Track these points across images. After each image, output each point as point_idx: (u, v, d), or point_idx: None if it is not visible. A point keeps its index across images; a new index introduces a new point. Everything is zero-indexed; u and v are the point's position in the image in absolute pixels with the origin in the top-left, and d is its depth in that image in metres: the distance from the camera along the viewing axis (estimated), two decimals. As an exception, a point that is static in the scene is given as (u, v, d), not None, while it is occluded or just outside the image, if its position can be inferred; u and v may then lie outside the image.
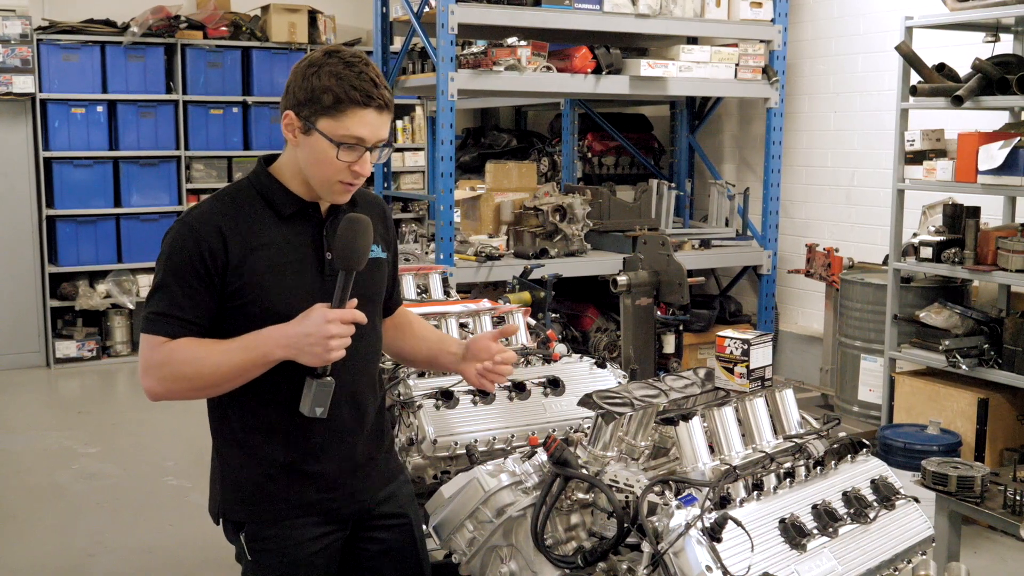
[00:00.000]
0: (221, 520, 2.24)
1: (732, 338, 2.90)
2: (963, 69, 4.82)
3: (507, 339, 3.17)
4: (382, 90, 2.06)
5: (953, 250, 4.72)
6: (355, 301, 2.05)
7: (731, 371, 2.88)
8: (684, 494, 2.00)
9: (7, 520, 4.78)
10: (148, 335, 2.05)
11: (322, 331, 1.96)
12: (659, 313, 5.33)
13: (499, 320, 3.44)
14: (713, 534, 1.92)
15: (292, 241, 2.12)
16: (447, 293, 4.04)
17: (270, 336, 2.01)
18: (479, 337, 2.35)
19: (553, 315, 5.85)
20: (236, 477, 2.19)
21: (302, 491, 2.17)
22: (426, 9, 5.79)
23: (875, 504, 2.27)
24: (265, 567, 2.19)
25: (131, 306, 7.84)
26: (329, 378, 2.03)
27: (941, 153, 4.95)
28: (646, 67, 6.00)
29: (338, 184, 2.09)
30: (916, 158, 4.95)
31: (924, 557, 2.30)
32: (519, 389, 3.00)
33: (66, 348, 7.74)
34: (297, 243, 2.12)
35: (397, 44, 6.51)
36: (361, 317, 2.03)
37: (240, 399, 2.14)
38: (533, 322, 3.62)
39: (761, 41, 6.42)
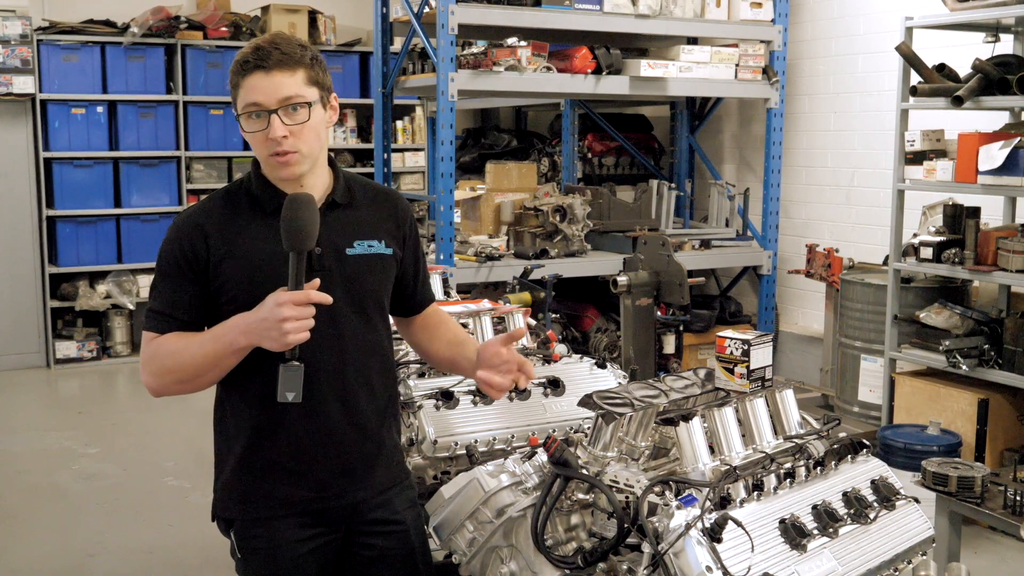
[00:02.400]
0: (215, 517, 2.25)
1: (732, 338, 2.90)
2: (963, 69, 4.82)
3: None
4: (270, 50, 2.04)
5: (953, 250, 4.72)
6: (316, 282, 2.01)
7: (731, 371, 2.88)
8: (684, 494, 2.01)
9: (7, 520, 4.78)
10: (144, 332, 2.14)
11: (274, 315, 1.96)
12: (659, 313, 5.33)
13: (499, 320, 3.44)
14: (713, 534, 1.92)
15: (277, 236, 2.10)
16: (447, 294, 4.04)
17: (234, 324, 2.03)
18: (488, 343, 2.28)
19: (553, 315, 5.86)
20: (227, 475, 2.21)
21: (290, 490, 2.17)
22: (426, 9, 5.79)
23: (875, 504, 2.27)
24: (254, 565, 2.19)
25: (131, 306, 7.84)
26: (298, 363, 2.01)
27: (941, 153, 4.95)
28: (646, 67, 6.00)
29: (269, 158, 2.09)
30: (916, 158, 4.95)
31: (924, 557, 2.30)
32: (519, 389, 3.00)
33: (66, 348, 7.74)
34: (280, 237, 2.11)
35: (397, 44, 6.51)
36: (320, 297, 1.99)
37: (234, 397, 2.17)
38: (533, 322, 3.62)
39: (761, 41, 6.42)
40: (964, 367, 4.59)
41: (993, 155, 4.49)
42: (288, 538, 2.17)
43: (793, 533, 2.05)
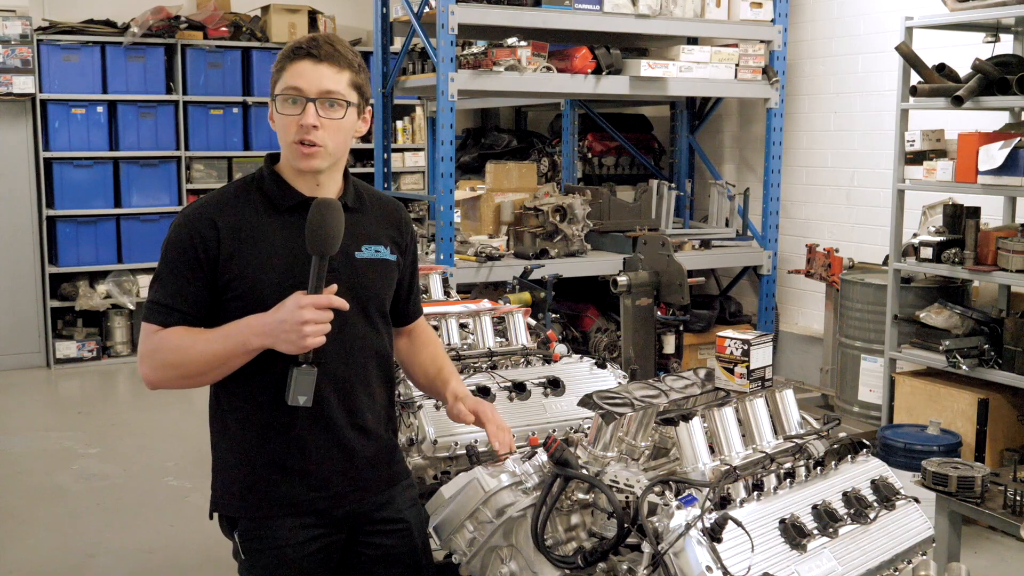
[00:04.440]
0: (216, 514, 2.25)
1: (732, 338, 2.91)
2: (963, 69, 4.82)
3: None
4: (321, 44, 2.09)
5: (953, 250, 4.72)
6: (334, 287, 2.04)
7: (731, 371, 2.88)
8: (684, 494, 2.00)
9: (7, 520, 4.78)
10: (145, 323, 2.12)
11: (295, 317, 1.97)
12: (659, 313, 5.33)
13: (499, 320, 3.44)
14: (713, 534, 1.91)
15: (288, 235, 2.13)
16: (447, 293, 4.04)
17: (248, 325, 2.03)
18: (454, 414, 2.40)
19: (553, 315, 5.85)
20: (229, 472, 2.21)
21: (292, 489, 2.17)
22: (426, 9, 5.79)
23: (875, 504, 2.27)
24: (258, 566, 2.19)
25: (131, 306, 7.84)
26: (311, 366, 2.03)
27: (941, 153, 4.95)
28: (646, 67, 6.00)
29: (294, 145, 2.10)
30: (916, 158, 4.95)
31: (924, 557, 2.30)
32: (519, 389, 3.00)
33: (66, 348, 7.74)
34: (293, 237, 2.12)
35: (397, 44, 6.52)
36: (339, 303, 2.02)
37: (234, 394, 2.16)
38: (533, 322, 3.61)
39: (761, 41, 6.42)
40: (964, 367, 4.59)
41: (993, 155, 4.49)
42: (293, 539, 2.17)
43: (793, 533, 2.04)
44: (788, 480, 2.21)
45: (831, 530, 2.11)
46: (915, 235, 5.14)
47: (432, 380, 2.47)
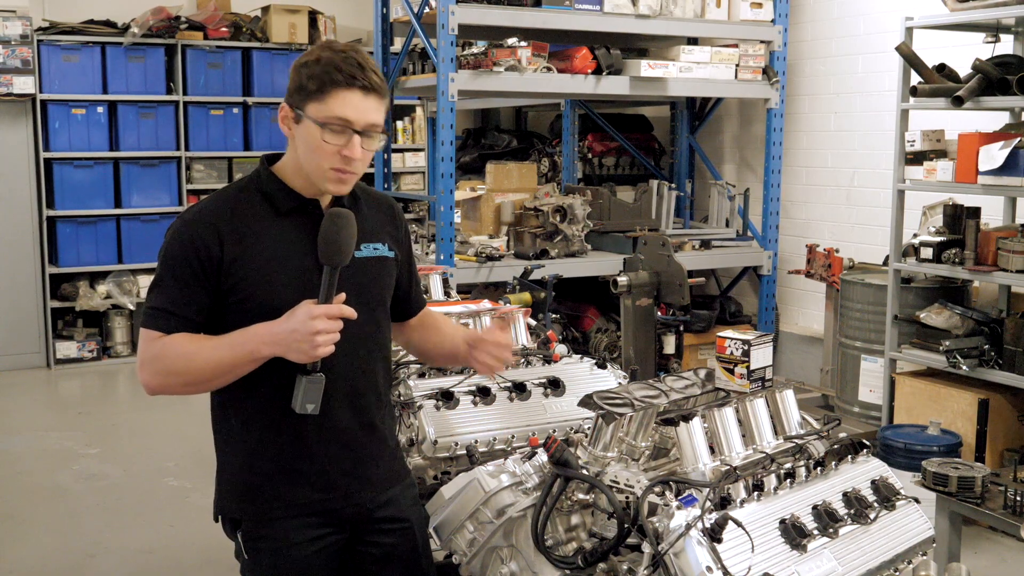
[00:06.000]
0: (220, 517, 2.25)
1: (732, 339, 2.91)
2: (963, 69, 4.82)
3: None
4: (369, 73, 2.07)
5: (953, 251, 4.72)
6: (343, 296, 2.04)
7: (731, 372, 2.88)
8: (684, 495, 2.00)
9: (7, 520, 4.78)
10: (145, 330, 2.10)
11: (307, 327, 1.96)
12: (659, 314, 5.33)
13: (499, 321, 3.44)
14: (713, 535, 1.91)
15: (290, 237, 2.12)
16: (447, 294, 4.04)
17: (256, 334, 2.02)
18: (486, 332, 2.40)
19: (553, 316, 5.85)
20: (234, 475, 2.20)
21: (298, 490, 2.17)
22: (426, 10, 5.79)
23: (875, 505, 2.27)
24: (261, 566, 2.19)
25: (131, 307, 7.84)
26: (319, 374, 2.03)
27: (941, 154, 4.95)
28: (646, 68, 6.00)
29: (331, 171, 2.09)
30: (916, 159, 4.95)
31: (925, 558, 2.30)
32: (519, 389, 3.00)
33: (66, 349, 7.74)
34: (295, 239, 2.12)
35: (397, 45, 6.52)
36: (349, 312, 2.02)
37: (238, 397, 2.15)
38: (533, 323, 3.61)
39: (761, 42, 6.42)
40: (964, 367, 4.59)
41: (993, 155, 4.49)
42: (296, 539, 2.17)
43: (793, 533, 2.05)
44: (788, 480, 2.21)
45: (831, 530, 2.12)
46: (915, 235, 5.13)
47: (450, 352, 2.47)
